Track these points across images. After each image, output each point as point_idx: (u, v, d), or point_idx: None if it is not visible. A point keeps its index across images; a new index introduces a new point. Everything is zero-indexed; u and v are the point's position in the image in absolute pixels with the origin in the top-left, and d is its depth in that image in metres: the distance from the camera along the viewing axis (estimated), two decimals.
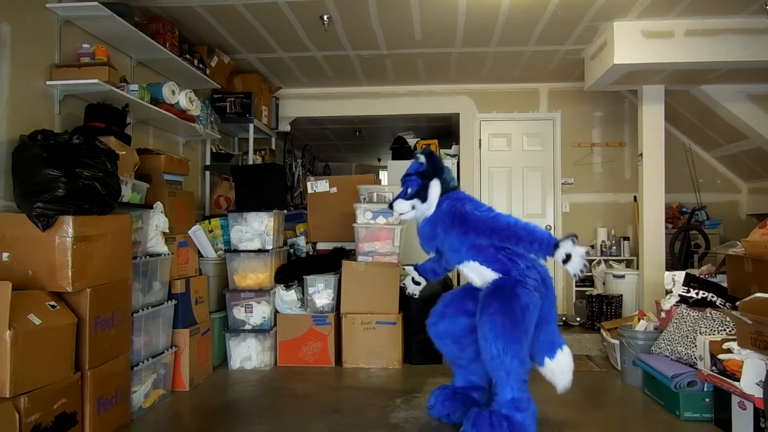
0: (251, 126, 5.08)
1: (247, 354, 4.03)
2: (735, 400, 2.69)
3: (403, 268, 3.10)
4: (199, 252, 3.89)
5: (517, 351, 2.47)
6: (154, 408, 3.15)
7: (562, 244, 2.41)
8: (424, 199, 2.73)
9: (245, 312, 4.06)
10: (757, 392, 2.50)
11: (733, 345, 2.77)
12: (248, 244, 4.10)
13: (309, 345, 4.10)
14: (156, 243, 3.27)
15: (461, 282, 4.57)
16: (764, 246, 3.22)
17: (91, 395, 2.54)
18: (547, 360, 2.66)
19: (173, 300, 3.41)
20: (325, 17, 3.90)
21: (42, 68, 2.92)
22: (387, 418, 3.00)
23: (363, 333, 4.08)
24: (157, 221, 3.26)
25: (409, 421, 2.96)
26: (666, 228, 5.02)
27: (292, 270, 4.24)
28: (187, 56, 4.05)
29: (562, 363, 2.67)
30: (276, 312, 4.15)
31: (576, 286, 5.47)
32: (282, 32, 4.26)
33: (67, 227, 2.43)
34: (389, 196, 4.32)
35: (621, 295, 4.85)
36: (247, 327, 4.05)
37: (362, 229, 4.22)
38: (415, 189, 2.74)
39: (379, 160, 10.24)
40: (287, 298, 4.13)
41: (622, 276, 4.97)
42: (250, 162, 5.18)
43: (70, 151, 2.53)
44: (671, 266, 4.91)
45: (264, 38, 4.38)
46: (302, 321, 4.11)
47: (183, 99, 3.75)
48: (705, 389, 2.95)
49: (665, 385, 3.07)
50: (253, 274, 4.12)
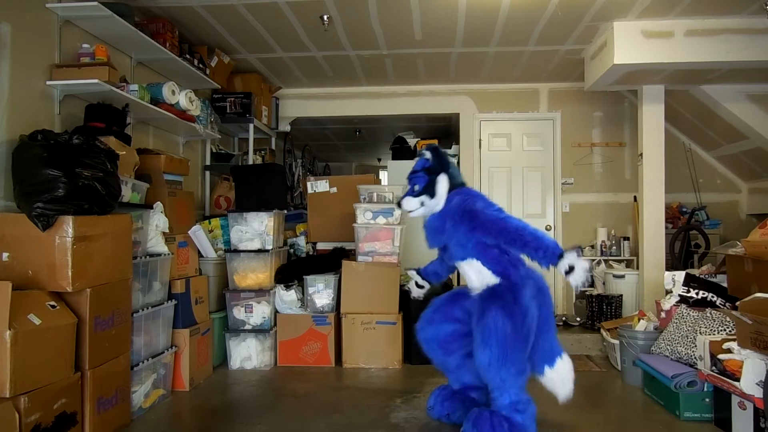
0: (251, 126, 5.08)
1: (247, 354, 4.03)
2: (735, 400, 2.69)
3: (406, 272, 3.10)
4: (199, 252, 3.89)
5: (516, 359, 2.45)
6: (154, 408, 3.15)
7: (567, 255, 2.38)
8: (433, 195, 2.71)
9: (245, 312, 4.06)
10: (757, 392, 2.50)
11: (733, 345, 2.77)
12: (248, 244, 4.10)
13: (309, 345, 4.10)
14: (156, 243, 3.27)
15: (461, 284, 4.56)
16: (764, 246, 3.22)
17: (91, 395, 2.54)
18: (547, 369, 2.64)
19: (173, 300, 3.41)
20: (325, 17, 3.90)
21: (42, 68, 2.92)
22: (387, 418, 3.01)
23: (363, 333, 4.08)
24: (157, 221, 3.27)
25: (409, 421, 2.96)
26: (666, 228, 5.02)
27: (292, 270, 4.24)
28: (187, 56, 4.05)
29: (562, 371, 2.64)
30: (276, 312, 4.15)
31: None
32: (282, 32, 4.27)
33: (67, 227, 2.43)
34: (389, 196, 4.32)
35: (621, 295, 4.85)
36: (247, 327, 4.05)
37: (362, 229, 4.23)
38: (423, 185, 2.72)
39: (379, 160, 10.23)
40: (287, 298, 4.13)
41: (622, 276, 4.97)
42: (250, 162, 5.18)
43: (70, 151, 2.53)
44: (671, 266, 4.91)
45: (264, 38, 4.38)
46: (302, 321, 4.12)
47: (183, 99, 3.75)
48: (705, 389, 2.95)
49: (665, 385, 3.08)
50: (253, 274, 4.12)
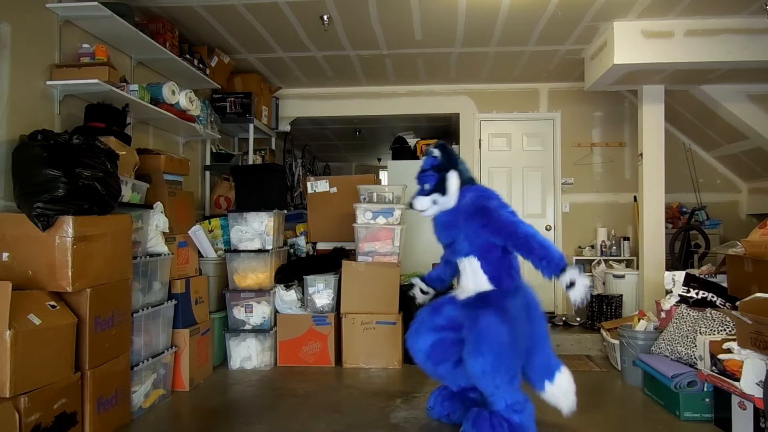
0: (251, 126, 5.08)
1: (247, 354, 4.03)
2: (735, 400, 2.69)
3: (410, 281, 3.13)
4: (199, 252, 3.89)
5: (509, 366, 2.47)
6: (154, 408, 3.15)
7: (570, 270, 2.42)
8: (444, 192, 2.70)
9: (245, 312, 4.06)
10: (757, 392, 2.50)
11: (733, 345, 2.77)
12: (248, 244, 4.10)
13: (309, 345, 4.10)
14: (156, 243, 3.27)
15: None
16: (764, 246, 3.21)
17: (91, 395, 2.54)
18: (548, 384, 2.63)
19: (173, 300, 3.41)
20: (325, 17, 3.90)
21: (42, 68, 2.92)
22: (387, 418, 3.01)
23: (363, 333, 4.08)
24: (157, 221, 3.26)
25: (409, 421, 2.96)
26: (666, 228, 5.02)
27: (292, 270, 4.24)
28: (187, 56, 4.05)
29: (563, 385, 2.64)
30: (276, 312, 4.15)
31: None
32: (282, 32, 4.26)
33: (67, 227, 2.43)
34: (389, 196, 4.32)
35: (621, 295, 4.85)
36: (247, 327, 4.05)
37: (362, 229, 4.22)
38: (434, 183, 2.70)
39: (379, 160, 10.23)
40: (287, 298, 4.13)
41: (622, 276, 4.97)
42: (250, 162, 5.18)
43: (70, 151, 2.53)
44: (671, 266, 4.90)
45: (264, 38, 4.38)
46: (302, 321, 4.11)
47: (183, 99, 3.75)
48: (705, 389, 2.95)
49: (665, 385, 3.08)
50: (253, 274, 4.12)
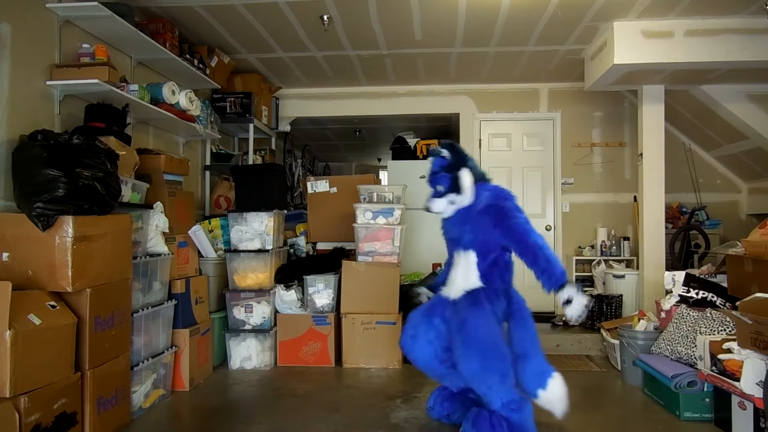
0: (251, 126, 5.08)
1: (247, 354, 4.03)
2: (735, 400, 2.69)
3: (417, 292, 3.15)
4: (199, 252, 3.89)
5: (498, 366, 2.48)
6: (154, 408, 3.15)
7: (569, 287, 2.45)
8: (460, 191, 2.69)
9: (245, 312, 4.06)
10: (757, 392, 2.49)
11: (733, 345, 2.77)
12: (248, 244, 4.10)
13: (309, 345, 4.10)
14: (156, 243, 3.27)
15: None
16: (764, 246, 3.21)
17: (91, 395, 2.54)
18: (541, 392, 2.62)
19: (173, 300, 3.41)
20: (325, 17, 3.90)
21: (42, 68, 2.92)
22: (387, 418, 3.01)
23: (363, 333, 4.08)
24: (157, 221, 3.26)
25: (409, 421, 2.96)
26: (666, 228, 5.02)
27: (292, 270, 4.24)
28: (187, 56, 4.05)
29: (556, 391, 2.63)
30: (276, 312, 4.15)
31: None
32: (282, 32, 4.26)
33: (67, 227, 2.43)
34: (389, 196, 4.32)
35: (621, 295, 4.85)
36: (247, 327, 4.05)
37: (362, 229, 4.22)
38: (448, 184, 2.70)
39: (379, 160, 10.23)
40: (287, 298, 4.13)
41: (622, 276, 4.97)
42: (250, 162, 5.18)
43: (70, 151, 2.53)
44: (671, 266, 4.90)
45: (264, 38, 4.38)
46: (302, 321, 4.11)
47: (183, 99, 3.75)
48: (705, 389, 2.95)
49: (665, 385, 3.08)
50: (253, 274, 4.11)
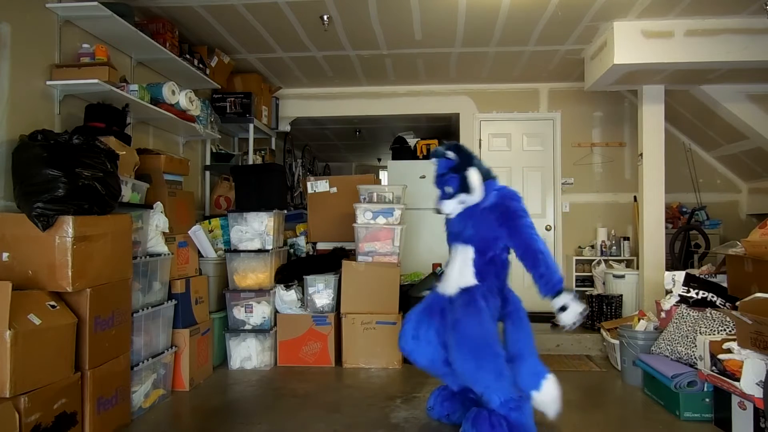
0: (251, 126, 5.08)
1: (247, 354, 4.03)
2: (735, 400, 2.69)
3: (424, 295, 3.16)
4: (199, 252, 3.89)
5: (490, 365, 2.49)
6: (154, 408, 3.15)
7: (565, 294, 2.47)
8: (469, 190, 2.68)
9: (245, 312, 4.06)
10: (757, 392, 2.49)
11: (733, 345, 2.77)
12: (248, 244, 4.10)
13: (309, 345, 4.10)
14: (156, 243, 3.27)
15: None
16: (764, 246, 3.21)
17: (91, 395, 2.54)
18: (534, 393, 2.62)
19: (173, 300, 3.41)
20: (325, 17, 3.90)
21: (42, 68, 2.92)
22: (387, 418, 3.01)
23: (363, 333, 4.08)
24: (157, 221, 3.26)
25: (409, 421, 2.96)
26: (666, 228, 5.02)
27: (292, 270, 4.24)
28: (187, 56, 4.05)
29: (550, 393, 2.63)
30: (276, 312, 4.15)
31: (576, 287, 5.47)
32: (282, 32, 4.26)
33: (67, 227, 2.43)
34: (389, 196, 4.32)
35: (621, 295, 4.85)
36: (247, 327, 4.05)
37: (362, 229, 4.22)
38: (457, 185, 2.69)
39: (379, 160, 10.24)
40: (287, 298, 4.13)
41: (622, 276, 4.97)
42: (250, 162, 5.18)
43: (70, 151, 2.53)
44: (671, 266, 4.90)
45: (264, 38, 4.38)
46: (302, 321, 4.11)
47: (183, 99, 3.75)
48: (705, 389, 2.95)
49: (665, 385, 3.08)
50: (253, 274, 4.11)
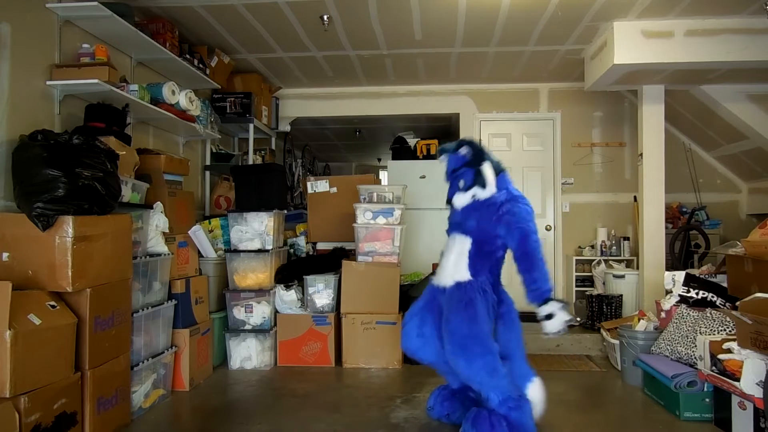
0: (251, 126, 5.08)
1: (247, 354, 4.03)
2: (735, 400, 2.69)
3: None
4: (199, 252, 3.89)
5: (484, 363, 2.49)
6: (154, 408, 3.15)
7: (552, 303, 2.47)
8: (484, 185, 2.67)
9: (245, 312, 4.06)
10: (757, 392, 2.50)
11: (733, 345, 2.77)
12: (248, 244, 4.10)
13: (309, 345, 4.10)
14: (156, 243, 3.27)
15: None
16: (764, 246, 3.21)
17: (91, 395, 2.54)
18: None
19: (173, 300, 3.41)
20: (325, 17, 3.90)
21: (42, 68, 2.92)
22: (387, 418, 3.01)
23: (363, 333, 4.08)
24: (157, 221, 3.26)
25: (409, 421, 2.96)
26: (666, 228, 5.02)
27: (292, 270, 4.24)
28: (187, 56, 4.05)
29: (535, 396, 2.66)
30: (276, 312, 4.15)
31: (576, 286, 5.47)
32: (282, 32, 4.26)
33: (67, 227, 2.43)
34: (389, 196, 4.32)
35: (621, 295, 4.85)
36: (247, 327, 4.05)
37: (362, 229, 4.22)
38: (471, 179, 2.68)
39: (379, 160, 10.24)
40: (287, 298, 4.13)
41: (622, 276, 4.97)
42: (250, 162, 5.18)
43: (70, 151, 2.53)
44: (671, 266, 4.90)
45: (264, 38, 4.38)
46: (302, 321, 4.11)
47: (183, 99, 3.75)
48: (705, 389, 2.95)
49: (665, 385, 3.08)
50: (253, 274, 4.12)
